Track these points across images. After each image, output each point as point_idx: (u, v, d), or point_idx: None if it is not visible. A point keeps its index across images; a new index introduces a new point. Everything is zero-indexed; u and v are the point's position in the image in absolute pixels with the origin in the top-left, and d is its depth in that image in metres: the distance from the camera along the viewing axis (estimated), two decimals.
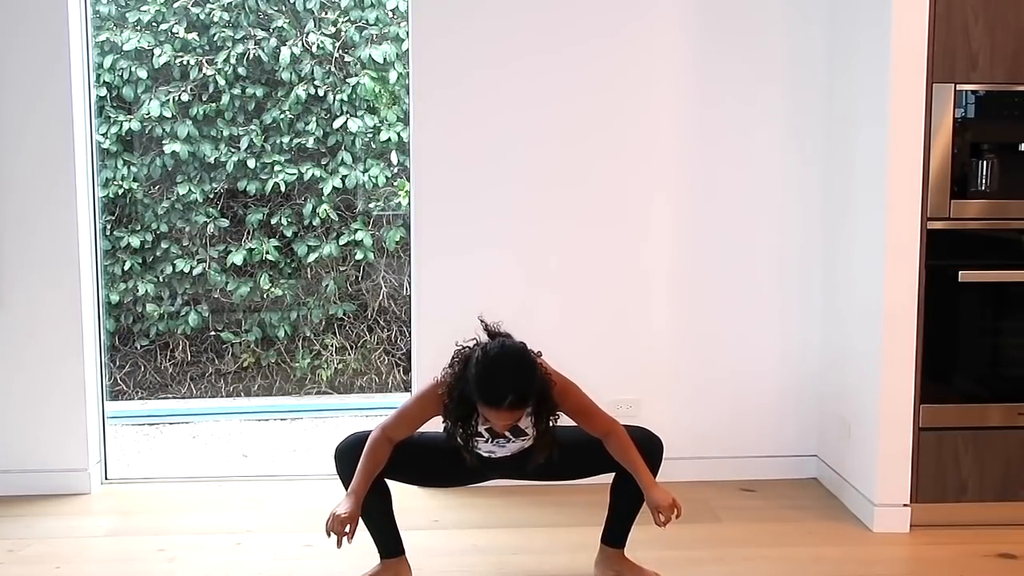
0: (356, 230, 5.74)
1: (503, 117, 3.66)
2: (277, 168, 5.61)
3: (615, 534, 2.88)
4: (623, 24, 3.65)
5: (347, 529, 2.55)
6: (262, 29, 5.59)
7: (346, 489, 2.68)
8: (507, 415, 2.56)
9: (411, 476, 2.87)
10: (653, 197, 3.74)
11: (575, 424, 2.79)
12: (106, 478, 3.84)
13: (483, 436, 2.73)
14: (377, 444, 2.69)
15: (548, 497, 3.43)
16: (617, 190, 3.71)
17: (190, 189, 5.62)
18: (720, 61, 3.68)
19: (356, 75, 5.60)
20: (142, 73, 5.48)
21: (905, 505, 3.30)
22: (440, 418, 2.76)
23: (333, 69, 5.62)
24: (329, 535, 2.57)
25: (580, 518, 3.22)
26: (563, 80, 3.66)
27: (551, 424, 2.71)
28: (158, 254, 5.69)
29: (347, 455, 2.73)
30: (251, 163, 5.60)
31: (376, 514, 2.73)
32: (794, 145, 3.73)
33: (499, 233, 3.71)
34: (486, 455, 2.79)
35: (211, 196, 5.71)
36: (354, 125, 5.57)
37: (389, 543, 2.82)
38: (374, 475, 2.67)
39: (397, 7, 5.56)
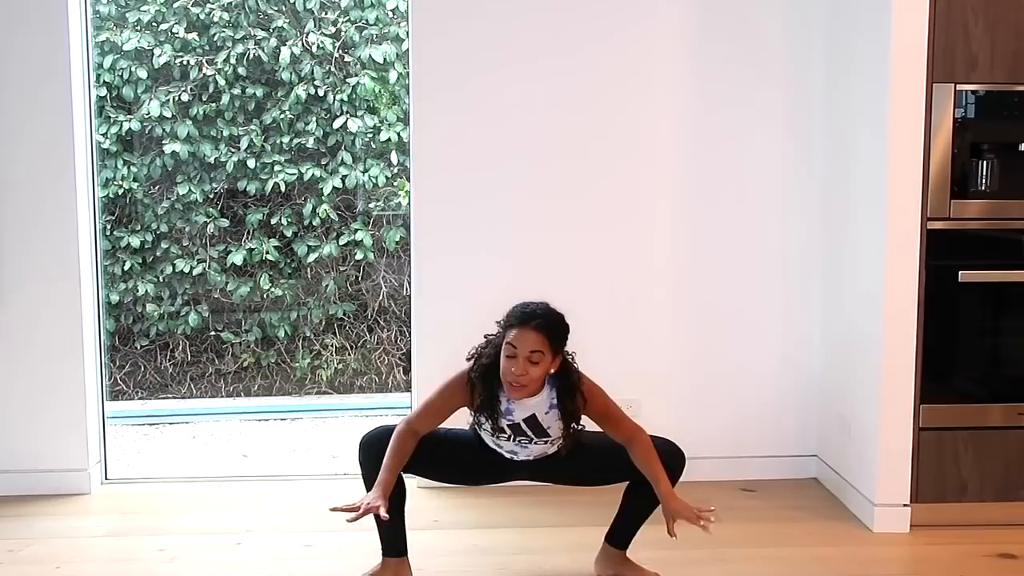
0: (356, 230, 5.74)
1: (503, 118, 3.66)
2: (277, 168, 5.61)
3: (621, 536, 2.89)
4: (624, 27, 3.64)
5: (378, 506, 2.53)
6: (262, 29, 5.59)
7: (365, 482, 2.70)
8: (531, 337, 2.59)
9: (436, 472, 2.90)
10: (654, 199, 3.73)
11: (599, 431, 2.80)
12: (106, 478, 3.84)
13: (505, 433, 2.73)
14: (403, 437, 2.70)
15: (549, 497, 3.42)
16: (618, 191, 3.71)
17: (190, 189, 5.62)
18: (720, 62, 3.68)
19: (356, 75, 5.60)
20: (142, 73, 5.48)
21: (905, 505, 3.30)
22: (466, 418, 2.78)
23: (333, 69, 5.62)
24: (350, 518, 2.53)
25: (581, 518, 3.22)
26: (564, 83, 3.65)
27: (576, 426, 2.74)
28: (158, 254, 5.69)
29: (372, 448, 2.73)
30: (251, 163, 5.60)
31: (392, 511, 2.73)
32: (794, 146, 3.73)
33: (499, 233, 3.70)
34: (508, 456, 2.80)
35: (211, 196, 5.71)
36: (354, 125, 5.57)
37: (396, 542, 2.81)
38: (400, 468, 2.68)
39: (397, 7, 5.56)
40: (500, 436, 2.75)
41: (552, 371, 2.67)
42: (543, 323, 2.62)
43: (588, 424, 2.81)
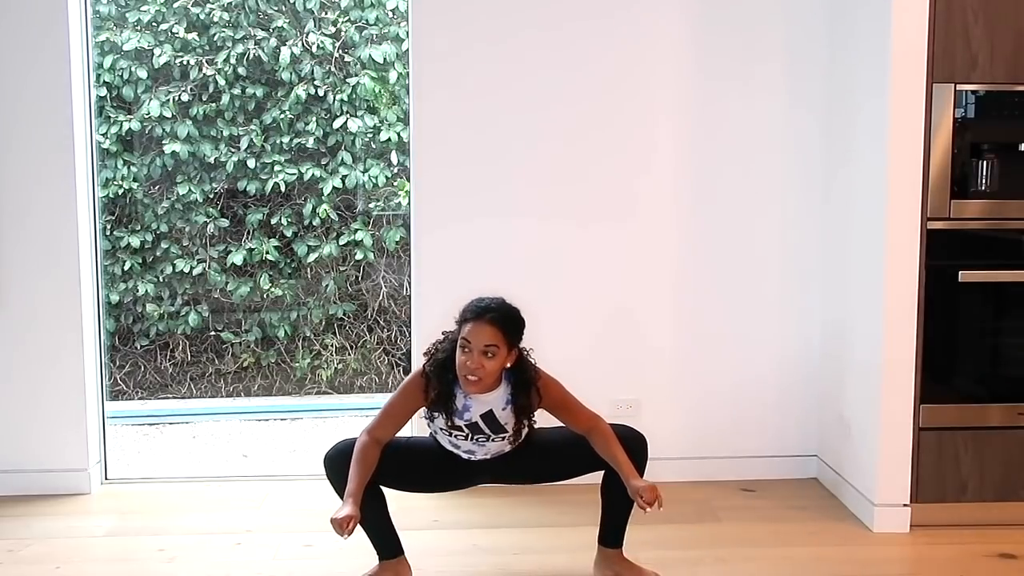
0: (356, 230, 5.74)
1: (504, 117, 3.66)
2: (277, 168, 5.61)
3: (611, 535, 2.88)
4: (623, 24, 3.64)
5: (348, 527, 2.54)
6: (262, 29, 5.59)
7: (340, 496, 2.69)
8: (486, 330, 2.61)
9: (400, 482, 2.87)
10: (654, 201, 3.73)
11: (559, 425, 2.81)
12: (106, 478, 3.84)
13: (463, 432, 2.74)
14: (365, 447, 2.70)
15: (549, 497, 3.42)
16: (618, 192, 3.71)
17: (190, 189, 5.62)
18: (720, 63, 3.68)
19: (356, 75, 5.60)
20: (142, 73, 5.48)
21: (905, 505, 3.30)
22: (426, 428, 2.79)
23: (333, 69, 5.62)
24: (341, 535, 2.54)
25: (581, 518, 3.21)
26: (564, 81, 3.65)
27: (527, 420, 2.75)
28: (158, 254, 5.69)
29: (336, 462, 2.74)
30: (251, 163, 5.60)
31: (372, 517, 2.73)
32: (794, 146, 3.73)
33: (499, 233, 3.70)
34: (466, 456, 2.80)
35: (211, 196, 5.71)
36: (354, 125, 5.57)
37: (387, 544, 2.82)
38: (367, 478, 2.67)
39: (397, 7, 5.56)
40: (457, 435, 2.75)
41: (508, 365, 2.68)
42: (497, 317, 2.63)
43: (551, 420, 2.81)
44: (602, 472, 2.81)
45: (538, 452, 2.83)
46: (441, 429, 2.77)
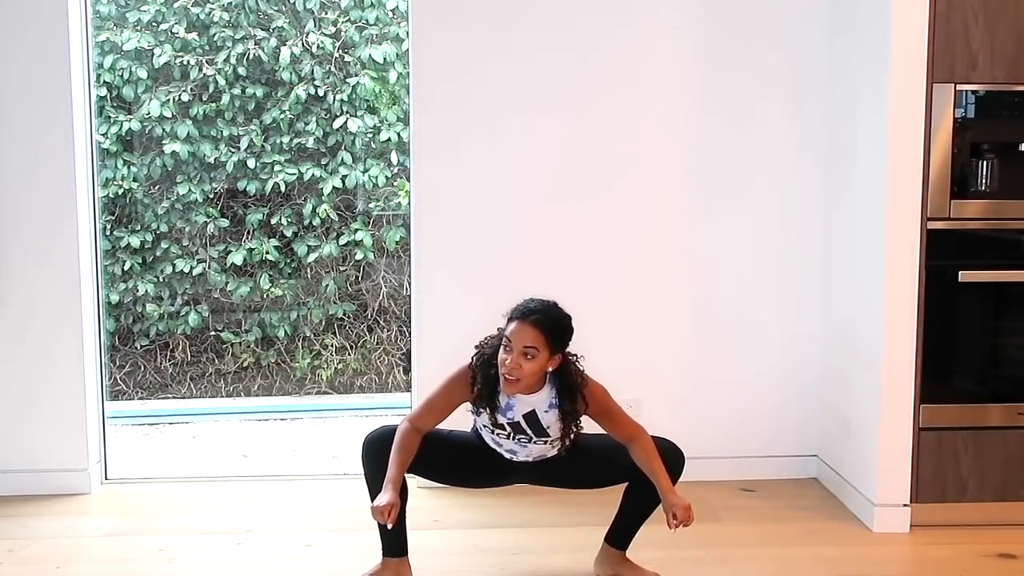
0: (356, 230, 5.74)
1: (504, 118, 3.65)
2: (277, 168, 5.61)
3: (621, 536, 2.89)
4: (624, 27, 3.64)
5: (391, 515, 2.56)
6: (262, 29, 5.59)
7: (368, 481, 2.72)
8: (527, 331, 2.61)
9: (436, 473, 2.90)
10: (655, 201, 3.73)
11: (600, 433, 2.82)
12: (106, 478, 3.84)
13: (505, 430, 2.74)
14: (406, 435, 2.71)
15: (549, 497, 3.41)
16: (619, 193, 3.71)
17: (190, 189, 5.62)
18: (721, 62, 3.68)
19: (356, 75, 5.60)
20: (142, 73, 5.48)
21: (905, 505, 3.30)
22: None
23: (333, 69, 5.62)
24: (383, 522, 2.58)
25: (582, 518, 3.22)
26: (565, 81, 3.65)
27: (575, 427, 2.75)
28: (158, 254, 5.69)
29: (375, 447, 2.74)
30: (251, 163, 5.60)
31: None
32: (795, 146, 3.73)
33: (500, 233, 3.70)
34: (507, 456, 2.80)
35: (211, 196, 5.71)
36: (354, 125, 5.57)
37: (396, 542, 2.81)
38: (407, 466, 2.70)
39: (397, 7, 5.56)
40: (500, 433, 2.76)
41: (551, 369, 2.68)
42: (541, 319, 2.64)
43: (590, 424, 2.81)
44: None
45: (580, 460, 2.83)
46: (484, 426, 2.78)
